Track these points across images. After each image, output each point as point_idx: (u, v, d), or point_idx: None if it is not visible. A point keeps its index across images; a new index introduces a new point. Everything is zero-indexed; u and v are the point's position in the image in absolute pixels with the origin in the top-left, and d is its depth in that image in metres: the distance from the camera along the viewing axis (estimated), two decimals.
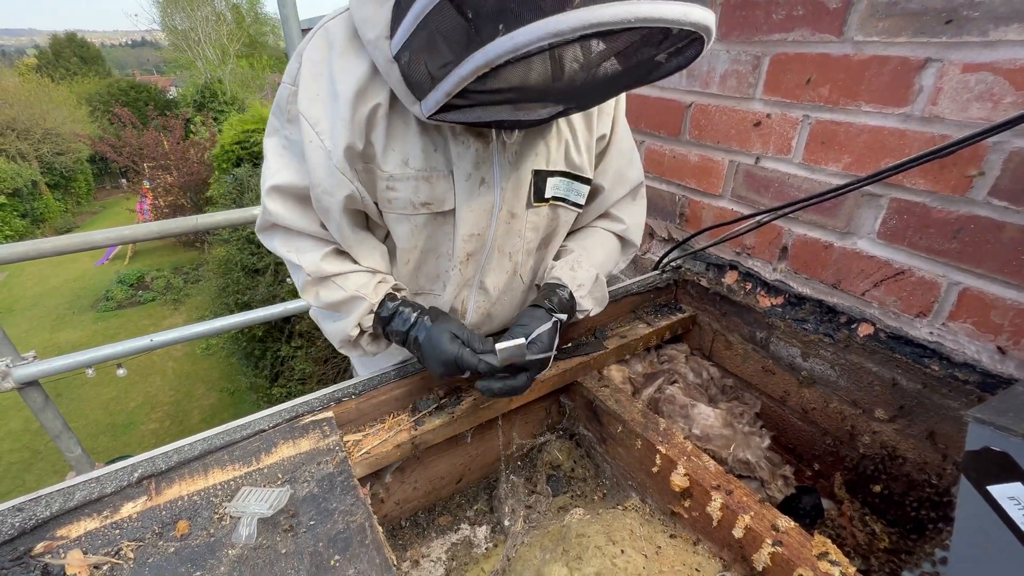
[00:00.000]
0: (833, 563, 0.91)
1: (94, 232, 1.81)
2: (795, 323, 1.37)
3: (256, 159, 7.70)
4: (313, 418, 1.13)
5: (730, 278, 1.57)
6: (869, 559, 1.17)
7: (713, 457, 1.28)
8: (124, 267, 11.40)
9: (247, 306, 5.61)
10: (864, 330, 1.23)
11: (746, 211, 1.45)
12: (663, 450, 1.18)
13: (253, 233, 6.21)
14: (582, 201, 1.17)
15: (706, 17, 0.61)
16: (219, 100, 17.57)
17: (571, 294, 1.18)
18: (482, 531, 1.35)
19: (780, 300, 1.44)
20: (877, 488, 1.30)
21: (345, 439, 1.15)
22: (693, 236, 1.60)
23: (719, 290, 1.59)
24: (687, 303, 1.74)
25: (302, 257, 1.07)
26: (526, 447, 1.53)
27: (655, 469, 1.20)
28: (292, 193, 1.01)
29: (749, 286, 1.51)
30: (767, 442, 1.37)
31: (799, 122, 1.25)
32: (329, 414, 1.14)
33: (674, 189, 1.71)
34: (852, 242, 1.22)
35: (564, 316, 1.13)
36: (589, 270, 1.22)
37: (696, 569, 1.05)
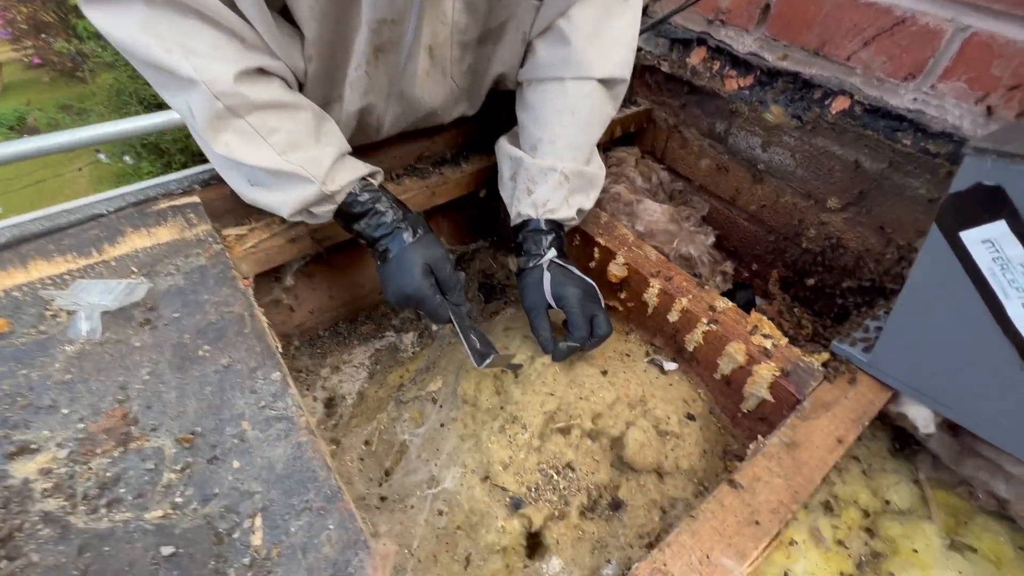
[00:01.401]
0: (766, 336, 0.87)
1: None
2: (761, 106, 1.19)
3: None
4: (171, 203, 0.89)
5: (696, 57, 1.32)
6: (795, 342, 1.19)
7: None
8: None
9: (157, 147, 4.84)
10: (839, 105, 1.07)
11: None
12: (602, 241, 1.06)
13: None
14: None
15: None
16: None
17: (547, 223, 0.93)
18: (408, 337, 1.27)
19: (750, 80, 1.23)
20: (811, 281, 1.28)
21: (225, 233, 0.94)
22: None
23: (681, 74, 1.35)
24: (643, 95, 1.50)
25: (199, 65, 0.67)
26: (456, 253, 1.39)
27: (592, 264, 1.10)
28: None
29: (717, 66, 1.28)
30: (711, 239, 1.29)
31: None
32: (193, 199, 0.91)
33: None
34: None
35: (557, 257, 0.92)
36: (550, 178, 0.93)
37: (626, 354, 1.01)
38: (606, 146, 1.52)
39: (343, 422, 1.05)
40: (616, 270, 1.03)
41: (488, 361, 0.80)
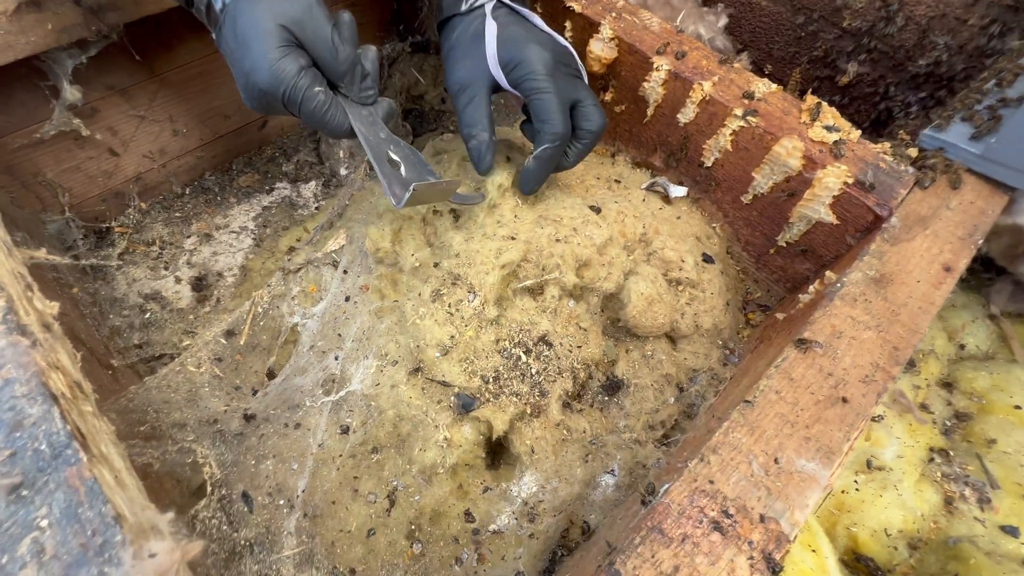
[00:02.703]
0: (830, 129, 0.57)
1: None
2: None
3: None
4: None
5: None
6: None
7: None
8: None
9: None
10: None
11: None
12: (577, 7, 0.68)
13: None
14: None
15: None
16: None
17: None
18: (309, 188, 0.91)
19: None
20: (845, 79, 0.97)
21: None
22: None
23: None
24: None
25: None
26: None
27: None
28: None
29: None
30: (724, 20, 0.92)
31: None
32: None
33: None
34: None
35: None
36: None
37: (614, 180, 0.71)
38: None
39: (220, 309, 0.74)
40: (600, 50, 0.67)
41: (409, 195, 0.46)
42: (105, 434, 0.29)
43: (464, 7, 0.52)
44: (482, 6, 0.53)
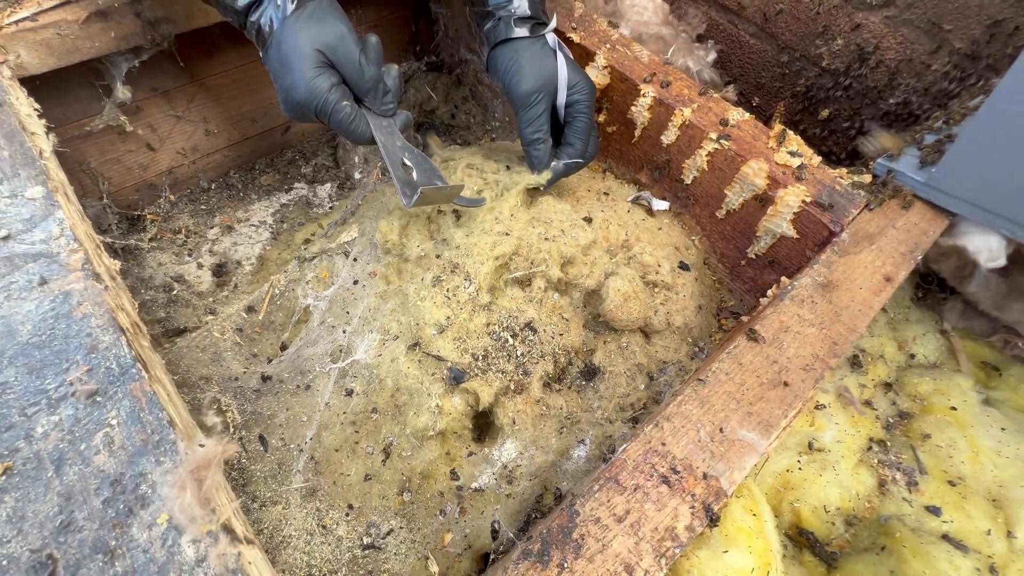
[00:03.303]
0: (793, 154, 0.64)
1: None
2: None
3: None
4: None
5: None
6: None
7: None
8: None
9: None
10: None
11: None
12: (576, 39, 0.77)
13: None
14: None
15: None
16: None
17: None
18: (325, 189, 0.99)
19: None
20: (825, 113, 1.05)
21: None
22: None
23: None
24: None
25: None
26: None
27: None
28: None
29: None
30: (713, 55, 1.01)
31: None
32: None
33: None
34: None
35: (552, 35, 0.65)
36: None
37: (604, 193, 0.78)
38: None
39: (238, 293, 0.81)
40: (594, 77, 0.75)
41: (418, 196, 0.53)
42: (158, 364, 0.36)
43: (526, 32, 0.61)
44: (543, 35, 0.62)
